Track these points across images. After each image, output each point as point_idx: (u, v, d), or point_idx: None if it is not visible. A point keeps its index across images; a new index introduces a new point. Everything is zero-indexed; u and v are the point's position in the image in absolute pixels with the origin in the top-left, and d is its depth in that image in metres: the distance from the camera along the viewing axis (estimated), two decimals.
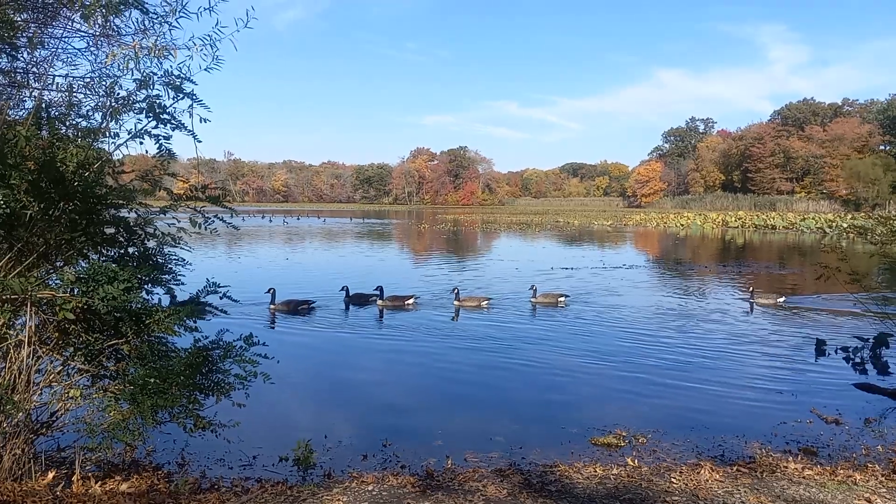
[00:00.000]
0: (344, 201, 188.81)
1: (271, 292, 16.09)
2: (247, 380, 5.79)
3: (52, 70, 5.96)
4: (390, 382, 10.64)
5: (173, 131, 5.54)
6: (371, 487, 5.86)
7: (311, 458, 6.82)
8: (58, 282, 5.35)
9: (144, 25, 5.68)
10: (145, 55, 5.43)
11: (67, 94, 5.79)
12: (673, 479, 6.12)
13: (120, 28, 5.73)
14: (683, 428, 8.27)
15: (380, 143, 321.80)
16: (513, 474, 6.35)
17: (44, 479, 5.18)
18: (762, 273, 26.87)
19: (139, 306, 5.37)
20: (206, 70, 5.51)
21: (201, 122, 5.62)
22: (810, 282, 22.53)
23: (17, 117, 5.65)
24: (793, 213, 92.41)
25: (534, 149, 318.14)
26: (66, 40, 5.94)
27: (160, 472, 6.29)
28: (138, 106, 5.42)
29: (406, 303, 17.19)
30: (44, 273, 5.50)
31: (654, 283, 24.35)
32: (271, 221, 73.51)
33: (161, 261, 5.99)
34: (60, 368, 5.53)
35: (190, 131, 5.54)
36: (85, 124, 5.68)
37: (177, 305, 5.77)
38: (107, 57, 5.60)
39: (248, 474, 6.59)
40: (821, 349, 12.68)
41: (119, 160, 5.88)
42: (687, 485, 5.98)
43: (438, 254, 36.96)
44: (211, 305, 6.06)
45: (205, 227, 5.94)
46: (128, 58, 5.41)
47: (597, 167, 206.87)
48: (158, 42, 5.48)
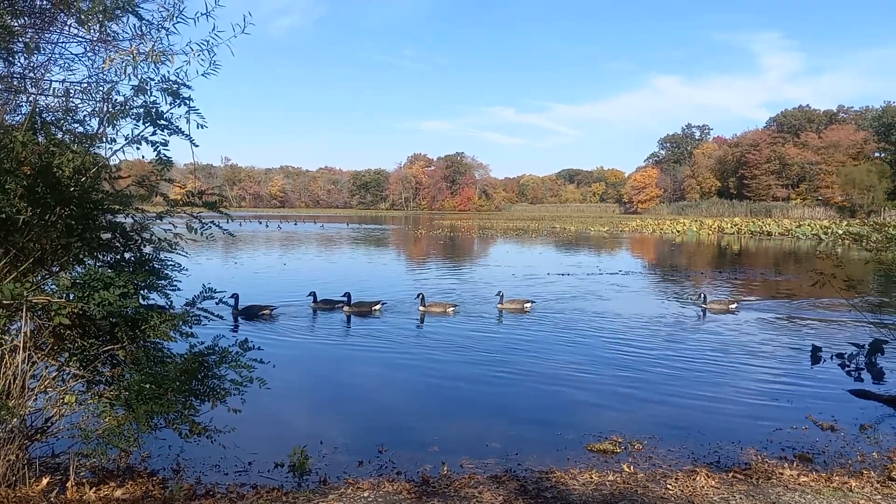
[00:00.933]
0: (341, 207, 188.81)
1: (234, 297, 15.83)
2: (242, 385, 5.79)
3: (48, 75, 5.96)
4: (386, 388, 10.62)
5: (170, 137, 5.55)
6: (367, 494, 5.84)
7: (306, 464, 6.81)
8: (53, 287, 5.35)
9: (142, 31, 5.68)
10: (142, 60, 5.43)
11: (64, 99, 5.79)
12: (669, 486, 6.12)
13: (117, 33, 5.74)
14: (679, 434, 8.27)
15: (377, 149, 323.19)
16: (509, 481, 6.35)
17: (38, 486, 5.16)
18: (758, 279, 26.92)
19: (134, 312, 5.36)
20: (203, 75, 5.52)
21: (198, 127, 5.62)
22: (806, 288, 22.56)
23: (14, 122, 5.64)
24: (788, 219, 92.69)
25: (530, 155, 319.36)
26: (63, 45, 5.95)
27: (155, 478, 6.26)
28: (135, 111, 5.42)
29: (373, 308, 17.05)
30: (39, 278, 5.50)
31: (649, 289, 24.37)
32: (267, 227, 73.51)
33: (157, 266, 5.98)
34: (55, 374, 5.52)
35: (187, 136, 5.54)
36: (81, 130, 5.68)
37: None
38: (104, 62, 5.61)
39: (243, 480, 6.57)
40: (816, 356, 12.71)
41: (116, 165, 5.88)
42: (683, 491, 5.98)
43: (434, 260, 36.94)
44: (208, 311, 6.06)
45: (201, 232, 5.94)
46: (125, 63, 5.42)
47: (593, 173, 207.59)
48: (156, 47, 5.48)
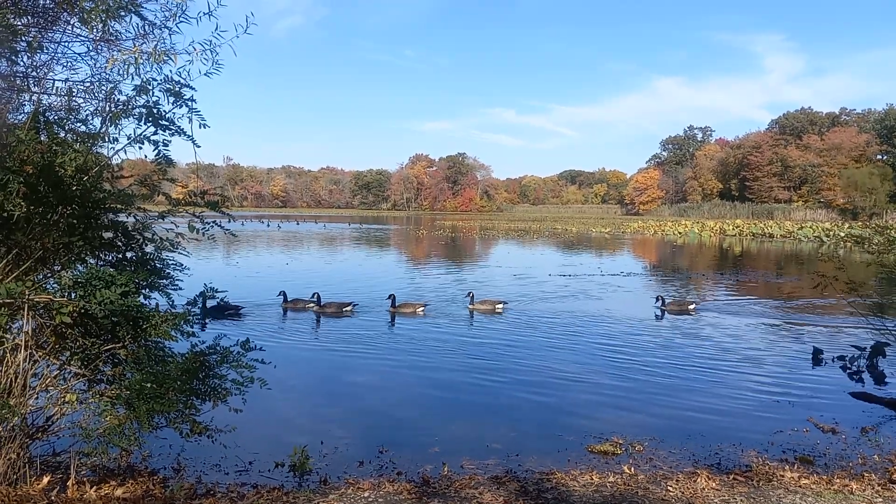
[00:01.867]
0: (342, 207, 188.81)
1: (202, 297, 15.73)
2: (243, 385, 5.79)
3: (51, 74, 5.96)
4: (386, 389, 10.61)
5: (172, 137, 5.55)
6: (367, 494, 5.85)
7: (307, 464, 6.82)
8: (55, 286, 5.35)
9: (144, 30, 5.69)
10: (145, 60, 5.44)
11: (67, 98, 5.79)
12: (669, 488, 6.12)
13: (120, 33, 5.74)
14: (680, 436, 8.26)
15: (378, 150, 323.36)
16: (509, 482, 6.35)
17: (39, 484, 5.16)
18: (759, 281, 26.90)
19: (136, 311, 5.36)
20: (205, 75, 5.52)
21: (200, 127, 5.62)
22: (807, 290, 22.55)
23: (17, 121, 5.65)
24: (790, 221, 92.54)
25: (532, 156, 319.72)
26: (66, 44, 5.95)
27: (156, 477, 6.27)
28: (137, 111, 5.43)
29: (344, 309, 16.98)
30: (41, 277, 5.50)
31: (650, 290, 24.35)
32: (268, 226, 73.63)
33: (159, 265, 5.98)
34: (57, 373, 5.52)
35: (189, 137, 5.55)
36: (84, 129, 5.68)
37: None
38: (107, 62, 5.60)
39: (244, 480, 6.58)
40: (817, 358, 12.70)
41: (118, 165, 5.89)
42: (683, 493, 5.98)
43: (435, 260, 36.94)
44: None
45: (202, 232, 5.95)
46: (127, 62, 5.42)
47: (595, 175, 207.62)
48: (158, 47, 5.49)
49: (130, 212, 5.92)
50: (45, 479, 5.25)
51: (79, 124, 5.76)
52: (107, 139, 5.63)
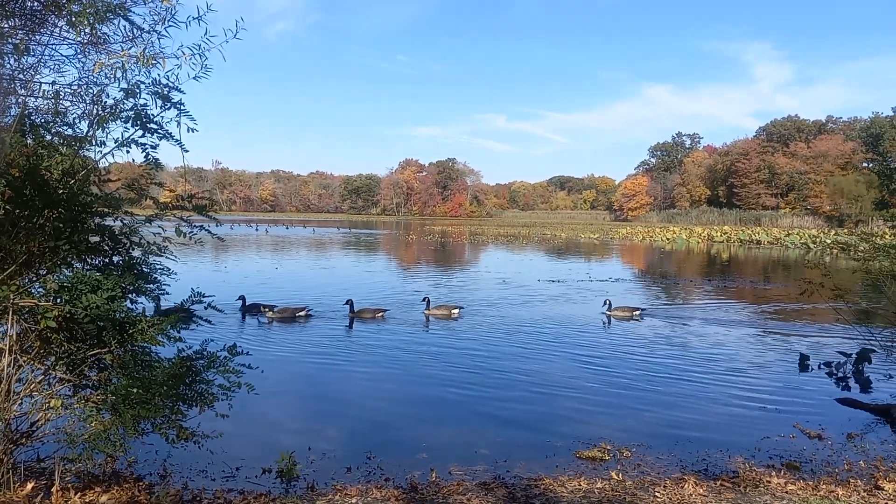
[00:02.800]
0: (332, 211, 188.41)
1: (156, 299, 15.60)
2: (230, 390, 5.76)
3: (38, 77, 5.92)
4: (375, 394, 10.58)
5: (160, 140, 5.53)
6: (355, 500, 5.83)
7: (294, 470, 6.78)
8: (40, 290, 5.30)
9: (133, 34, 5.65)
10: (133, 63, 5.41)
11: (54, 101, 5.75)
12: (657, 494, 6.13)
13: (108, 36, 5.70)
14: (668, 442, 8.29)
15: (368, 154, 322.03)
16: (497, 488, 6.34)
17: (22, 490, 5.11)
18: (747, 287, 27.05)
19: (123, 315, 5.33)
20: (194, 79, 5.50)
21: (189, 131, 5.60)
22: (794, 297, 22.68)
23: (3, 124, 5.61)
24: (777, 228, 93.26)
25: (522, 162, 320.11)
26: (54, 47, 5.91)
27: (141, 483, 6.22)
28: (125, 115, 5.40)
29: (297, 315, 16.81)
30: (26, 281, 5.45)
31: (639, 296, 24.42)
32: (257, 230, 73.47)
33: (146, 270, 5.95)
34: (41, 378, 5.48)
35: (177, 141, 5.52)
36: (71, 132, 5.65)
37: (162, 313, 5.73)
38: (94, 65, 5.57)
39: (230, 486, 6.54)
40: (804, 364, 12.77)
41: (105, 168, 5.85)
42: (671, 499, 5.99)
43: (425, 265, 36.93)
44: (196, 314, 6.03)
45: (190, 236, 5.92)
46: (115, 66, 5.39)
47: (584, 181, 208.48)
48: (147, 51, 5.46)
49: (118, 216, 5.88)
50: (29, 486, 5.20)
51: (66, 128, 5.72)
52: (94, 142, 5.60)
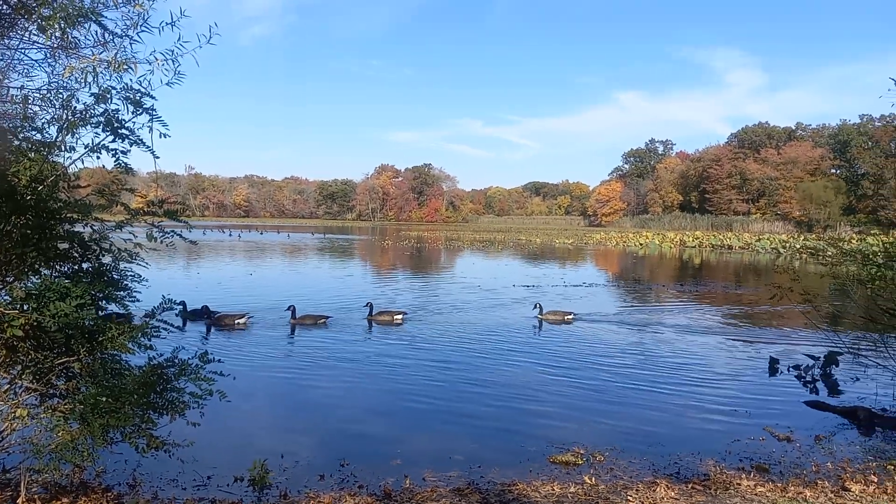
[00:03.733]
0: (306, 217, 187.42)
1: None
2: (202, 398, 5.71)
3: (6, 81, 5.84)
4: (348, 401, 10.53)
5: (131, 147, 5.47)
6: None
7: (266, 478, 6.73)
8: (7, 298, 5.21)
9: (104, 38, 5.60)
10: (104, 68, 5.35)
11: (22, 106, 5.67)
12: (629, 498, 6.19)
13: (79, 40, 5.65)
14: (640, 445, 8.37)
15: (344, 160, 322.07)
16: (471, 493, 6.36)
17: None
18: (718, 292, 27.40)
19: (92, 323, 5.26)
20: (167, 85, 5.45)
21: (161, 137, 5.54)
22: (765, 301, 23.05)
23: None
24: (748, 233, 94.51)
25: (497, 167, 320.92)
26: (23, 51, 5.84)
27: (110, 493, 6.13)
28: (96, 120, 5.34)
29: (236, 322, 16.50)
30: None
31: (612, 301, 24.64)
32: (230, 235, 72.90)
33: (116, 277, 5.87)
34: (7, 387, 5.38)
35: (148, 148, 5.47)
36: (39, 137, 5.57)
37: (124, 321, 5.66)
38: (64, 69, 5.50)
39: (202, 495, 6.47)
40: (774, 367, 12.98)
41: (74, 174, 5.77)
42: (643, 503, 6.05)
43: (400, 271, 36.88)
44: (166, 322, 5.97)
45: (162, 241, 5.86)
46: (86, 71, 5.33)
47: (559, 186, 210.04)
48: (118, 56, 5.40)
49: (87, 222, 5.80)
50: None
51: (34, 133, 5.64)
52: (63, 148, 5.52)
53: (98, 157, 5.49)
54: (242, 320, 16.65)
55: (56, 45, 5.72)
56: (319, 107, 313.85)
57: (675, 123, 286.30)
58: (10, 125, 5.54)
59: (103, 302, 5.69)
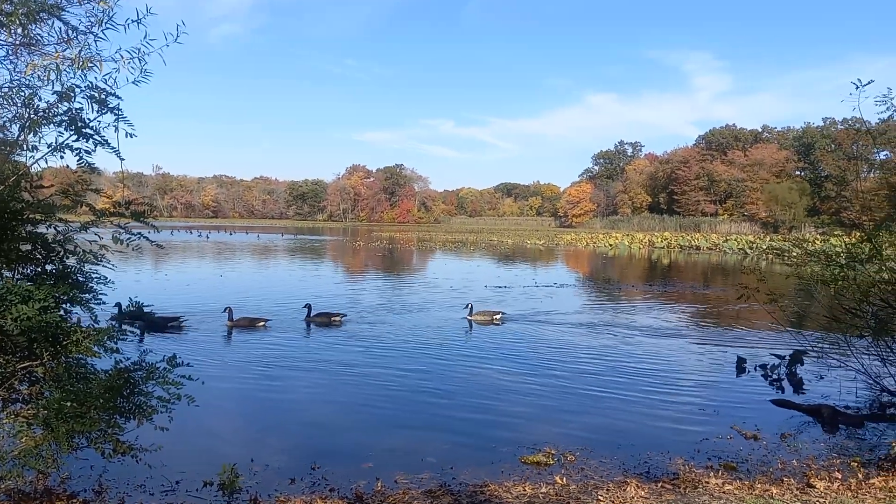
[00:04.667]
0: (276, 217, 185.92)
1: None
2: (170, 402, 5.61)
3: None
4: (319, 404, 10.46)
5: (96, 147, 5.36)
6: None
7: (236, 482, 6.65)
8: None
9: (68, 35, 5.48)
10: (68, 66, 5.24)
11: None
12: (600, 497, 6.23)
13: (41, 37, 5.52)
14: (611, 445, 8.43)
15: (315, 160, 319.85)
16: (443, 495, 6.35)
17: None
18: (687, 292, 27.76)
19: (56, 326, 5.14)
20: (133, 83, 5.37)
21: (127, 136, 5.45)
22: (732, 301, 23.41)
23: None
24: (716, 234, 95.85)
25: (470, 168, 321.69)
26: None
27: (75, 500, 6.01)
28: (59, 119, 5.23)
29: (168, 325, 16.18)
30: None
31: (583, 301, 24.83)
32: (200, 236, 72.09)
33: (81, 279, 5.76)
34: None
35: (113, 148, 5.37)
36: (1, 136, 5.43)
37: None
38: (27, 66, 5.38)
39: (170, 500, 6.38)
40: (741, 366, 13.18)
41: (37, 174, 5.65)
42: (613, 502, 6.09)
43: (373, 272, 36.76)
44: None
45: (128, 243, 5.76)
46: (49, 68, 5.21)
47: (530, 187, 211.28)
48: (83, 53, 5.30)
49: (51, 223, 5.68)
50: None
51: None
52: (25, 147, 5.40)
53: (62, 157, 5.39)
54: (175, 323, 16.26)
55: (18, 42, 5.58)
56: (290, 106, 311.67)
57: (644, 125, 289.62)
58: None
59: (67, 305, 5.57)
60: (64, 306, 5.53)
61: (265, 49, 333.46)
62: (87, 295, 5.72)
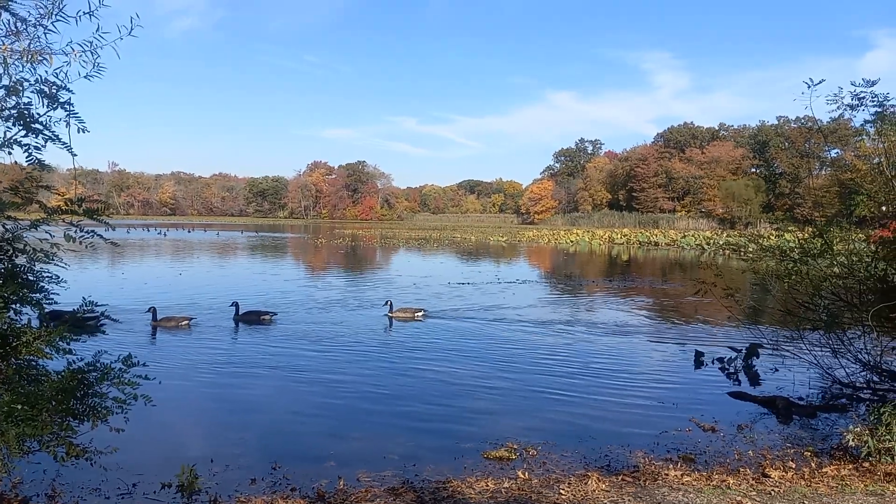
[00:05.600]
0: (236, 215, 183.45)
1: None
2: (126, 403, 5.49)
3: None
4: (279, 402, 10.36)
5: (46, 143, 5.21)
6: None
7: (195, 483, 6.55)
8: None
9: (16, 28, 5.31)
10: (16, 59, 5.08)
11: None
12: (562, 491, 6.29)
13: None
14: (572, 439, 8.52)
15: (275, 156, 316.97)
16: (406, 492, 6.34)
17: None
18: (646, 287, 28.18)
19: (5, 327, 4.99)
20: (86, 77, 5.22)
21: (80, 132, 5.30)
22: (690, 295, 23.82)
23: None
24: (674, 230, 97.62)
25: (433, 165, 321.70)
26: None
27: None
28: (7, 113, 5.06)
29: (87, 323, 15.14)
30: None
31: (544, 297, 25.02)
32: (159, 233, 70.89)
33: (31, 278, 5.59)
34: None
35: (65, 144, 5.22)
36: None
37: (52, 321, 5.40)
38: None
39: (126, 503, 6.24)
40: (699, 360, 13.42)
41: None
42: (575, 496, 6.15)
43: (335, 270, 36.51)
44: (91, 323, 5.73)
45: (81, 241, 5.61)
46: None
47: (493, 185, 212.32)
48: (31, 46, 5.15)
49: None
50: None
51: None
52: None
53: (10, 153, 5.21)
54: (91, 322, 15.30)
55: None
56: (250, 102, 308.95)
57: (604, 123, 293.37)
58: None
59: (17, 305, 5.40)
60: (13, 306, 5.37)
61: (224, 44, 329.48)
62: (37, 294, 5.56)
